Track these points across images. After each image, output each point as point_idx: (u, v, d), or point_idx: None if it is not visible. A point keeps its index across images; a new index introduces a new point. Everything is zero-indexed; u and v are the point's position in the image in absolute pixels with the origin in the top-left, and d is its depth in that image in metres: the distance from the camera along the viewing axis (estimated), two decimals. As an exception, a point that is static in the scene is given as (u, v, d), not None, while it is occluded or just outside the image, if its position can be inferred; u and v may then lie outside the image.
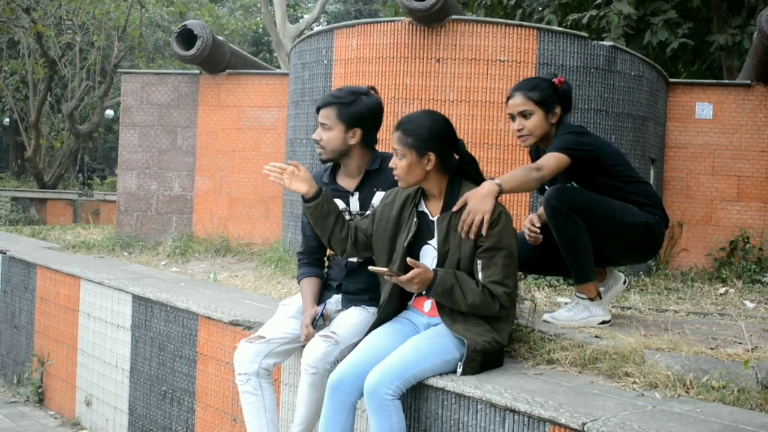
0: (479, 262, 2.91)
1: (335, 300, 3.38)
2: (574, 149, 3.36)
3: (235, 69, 6.94)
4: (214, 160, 6.83)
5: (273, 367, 3.27)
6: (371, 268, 2.93)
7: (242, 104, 6.78)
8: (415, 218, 3.03)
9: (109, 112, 22.39)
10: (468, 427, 2.75)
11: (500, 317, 2.95)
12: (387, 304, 3.07)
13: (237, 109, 6.79)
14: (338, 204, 3.27)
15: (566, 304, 3.70)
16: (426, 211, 3.06)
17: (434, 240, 3.02)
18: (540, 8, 8.78)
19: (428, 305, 3.07)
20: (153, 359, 4.57)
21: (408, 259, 2.84)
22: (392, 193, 3.16)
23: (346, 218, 3.24)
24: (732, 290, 4.93)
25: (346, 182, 3.39)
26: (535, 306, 3.48)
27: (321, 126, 3.30)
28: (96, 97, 17.92)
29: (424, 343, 2.89)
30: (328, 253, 3.50)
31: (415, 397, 2.92)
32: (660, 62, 7.62)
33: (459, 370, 2.85)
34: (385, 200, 3.17)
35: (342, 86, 3.46)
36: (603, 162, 3.47)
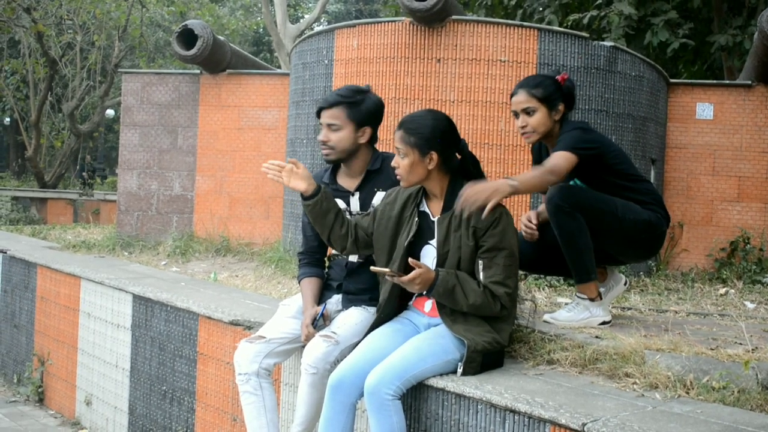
0: (480, 263, 2.91)
1: (335, 300, 3.38)
2: (582, 148, 3.36)
3: (236, 69, 6.94)
4: (215, 160, 6.83)
5: (273, 367, 3.27)
6: (373, 269, 2.93)
7: (243, 104, 6.78)
8: (416, 218, 3.03)
9: (110, 112, 22.40)
10: (468, 428, 2.74)
11: (501, 317, 2.95)
12: (386, 304, 3.07)
13: (237, 109, 6.79)
14: (339, 204, 3.26)
15: (566, 305, 3.70)
16: (427, 211, 3.06)
17: (435, 240, 3.01)
18: (541, 8, 8.77)
19: (429, 305, 3.07)
20: (153, 359, 4.57)
21: (409, 260, 2.84)
22: (393, 192, 3.16)
23: (347, 217, 3.24)
24: (732, 291, 4.93)
25: (347, 182, 3.39)
26: (536, 306, 3.48)
27: (328, 127, 3.25)
28: (96, 97, 17.92)
29: (425, 344, 2.88)
30: (329, 253, 3.50)
31: (416, 398, 2.92)
32: (660, 63, 7.61)
33: (459, 371, 2.85)
34: (387, 199, 3.16)
35: (340, 86, 3.44)
36: (607, 160, 3.47)
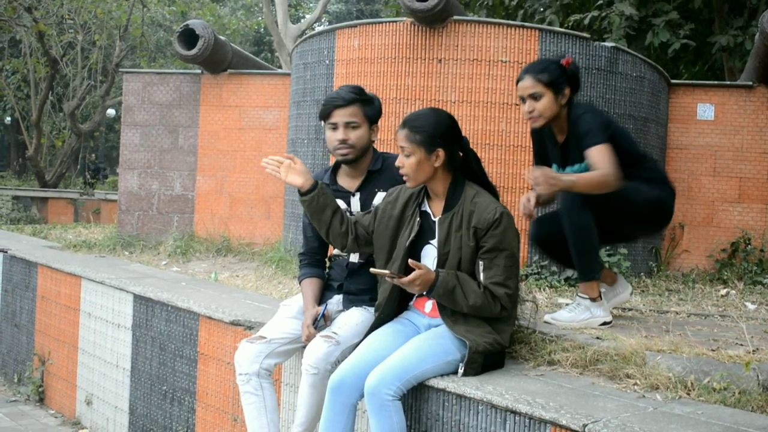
0: (481, 263, 2.90)
1: (336, 300, 3.38)
2: (607, 134, 3.42)
3: (237, 69, 6.94)
4: (216, 160, 6.84)
5: (274, 368, 3.27)
6: (372, 270, 2.93)
7: (244, 104, 6.78)
8: (418, 218, 3.03)
9: (111, 112, 22.42)
10: (469, 428, 2.74)
11: (501, 318, 2.95)
12: (385, 305, 3.06)
13: (238, 109, 6.79)
14: (339, 205, 3.26)
15: (567, 305, 3.70)
16: (429, 211, 3.06)
17: (435, 240, 3.01)
18: (542, 9, 8.77)
19: (429, 306, 3.07)
20: (154, 359, 4.57)
21: (409, 261, 2.83)
22: (395, 192, 3.15)
23: (346, 215, 3.23)
24: (733, 292, 4.92)
25: (348, 182, 3.38)
26: (537, 307, 3.48)
27: (346, 125, 3.22)
28: (97, 97, 17.94)
29: (425, 344, 2.88)
30: (330, 254, 3.50)
31: (416, 398, 2.92)
32: (661, 63, 7.60)
33: (460, 371, 2.85)
34: (388, 198, 3.15)
35: (342, 85, 3.44)
36: (617, 140, 3.51)
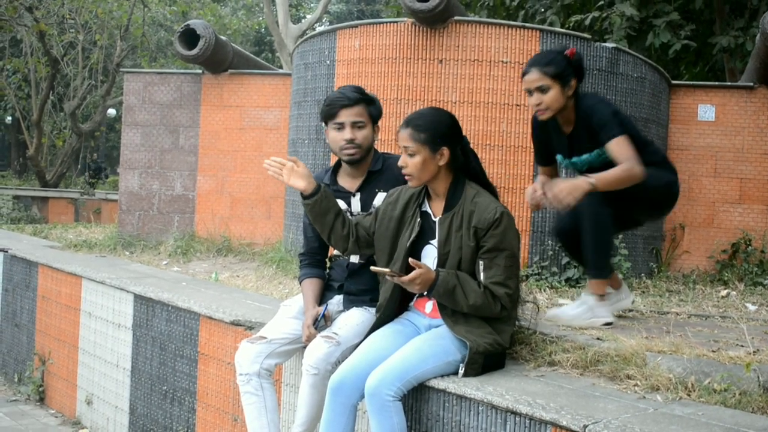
0: (481, 263, 2.90)
1: (337, 301, 3.37)
2: (620, 122, 3.46)
3: (238, 69, 6.95)
4: (216, 160, 6.84)
5: (274, 368, 3.27)
6: (373, 269, 2.92)
7: (244, 104, 6.78)
8: (419, 218, 3.02)
9: (111, 111, 22.44)
10: (469, 429, 2.74)
11: (501, 319, 2.95)
12: (387, 305, 3.06)
13: (239, 109, 6.80)
14: (340, 205, 3.26)
15: (569, 304, 3.70)
16: (429, 211, 3.06)
17: (436, 240, 3.01)
18: (542, 9, 8.77)
19: (429, 307, 3.06)
20: (154, 359, 4.57)
21: (410, 260, 2.83)
22: (395, 192, 3.15)
23: (348, 217, 3.23)
24: (734, 293, 4.92)
25: (348, 183, 3.38)
26: (538, 308, 3.48)
27: (353, 125, 3.24)
28: (98, 96, 17.96)
29: (426, 345, 2.88)
30: (330, 254, 3.50)
31: (417, 399, 2.92)
32: (662, 64, 7.60)
33: (461, 372, 2.85)
34: (388, 199, 3.15)
35: (342, 86, 3.44)
36: (625, 127, 3.53)
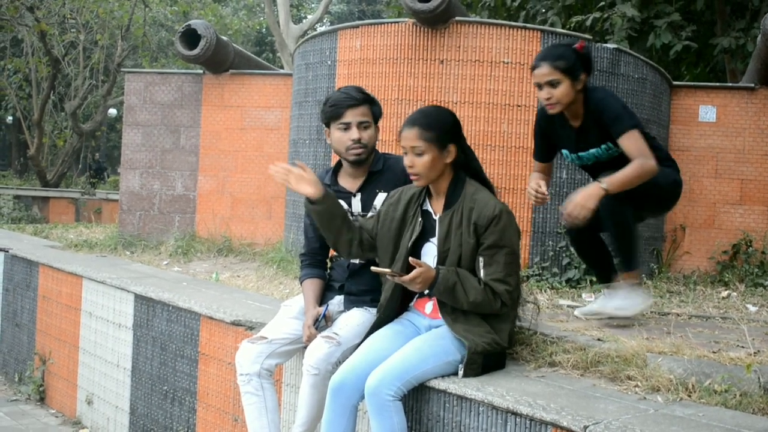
0: (481, 260, 2.90)
1: (337, 301, 3.38)
2: (631, 115, 3.50)
3: (239, 69, 6.94)
4: (217, 160, 6.84)
5: (275, 368, 3.27)
6: (374, 269, 2.92)
7: (245, 104, 6.78)
8: (420, 218, 3.02)
9: (112, 111, 22.43)
10: (470, 430, 2.74)
11: (500, 318, 2.94)
12: (387, 305, 3.06)
13: (240, 109, 6.79)
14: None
15: (600, 297, 3.83)
16: (430, 210, 3.06)
17: (436, 238, 3.01)
18: (543, 10, 8.77)
19: (430, 307, 3.06)
20: (155, 359, 4.57)
21: (410, 259, 2.83)
22: (397, 193, 3.15)
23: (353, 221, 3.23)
24: (734, 294, 4.92)
25: (349, 183, 3.38)
26: (539, 309, 3.48)
27: (359, 125, 3.25)
28: (99, 96, 17.96)
29: (426, 345, 2.88)
30: (331, 254, 3.50)
31: (417, 399, 2.92)
32: (663, 65, 7.59)
33: (460, 373, 2.85)
34: (390, 200, 3.15)
35: (343, 86, 3.44)
36: None
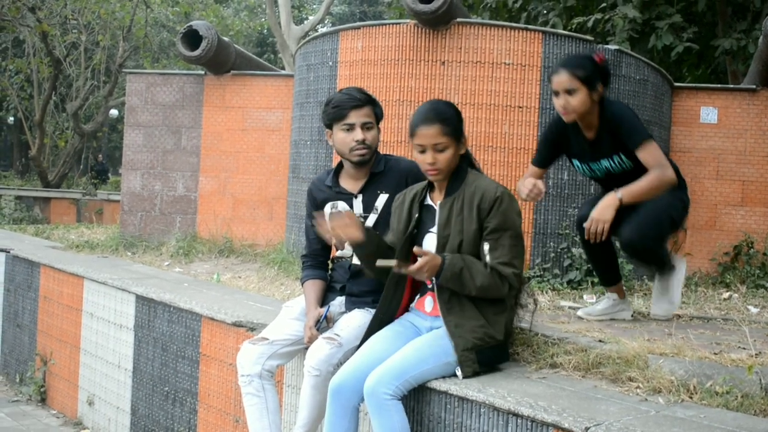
0: (486, 245, 2.89)
1: (339, 302, 3.37)
2: (646, 130, 3.52)
3: (240, 70, 6.95)
4: (219, 161, 6.84)
5: (276, 369, 3.27)
6: (379, 263, 2.88)
7: (247, 105, 6.79)
8: (417, 211, 3.03)
9: (114, 112, 22.46)
10: (471, 431, 2.74)
11: (495, 309, 2.92)
12: (388, 305, 3.06)
13: (241, 110, 6.80)
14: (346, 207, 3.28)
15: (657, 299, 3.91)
16: (431, 204, 3.06)
17: (435, 227, 3.00)
18: (545, 11, 8.78)
19: (430, 305, 3.05)
20: (156, 360, 4.57)
21: (415, 248, 2.82)
22: (401, 196, 3.16)
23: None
24: (736, 295, 4.92)
25: (350, 184, 3.38)
26: (536, 305, 3.47)
27: (363, 126, 3.26)
28: (100, 97, 17.99)
29: (425, 345, 2.87)
30: (332, 256, 3.50)
31: (418, 400, 2.92)
32: (665, 66, 7.60)
33: (459, 374, 2.84)
34: (396, 203, 3.17)
35: (345, 87, 3.44)
36: None
